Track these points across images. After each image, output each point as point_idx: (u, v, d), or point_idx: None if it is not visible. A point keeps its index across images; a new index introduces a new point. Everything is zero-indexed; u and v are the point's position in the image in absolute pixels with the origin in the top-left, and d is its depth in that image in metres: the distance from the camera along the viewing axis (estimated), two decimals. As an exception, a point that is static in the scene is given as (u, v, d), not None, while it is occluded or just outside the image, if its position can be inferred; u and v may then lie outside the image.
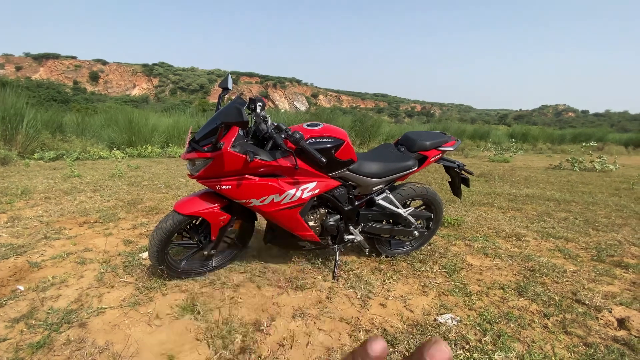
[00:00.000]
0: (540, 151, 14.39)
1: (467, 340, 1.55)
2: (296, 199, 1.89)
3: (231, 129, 1.72)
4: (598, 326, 1.69)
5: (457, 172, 2.38)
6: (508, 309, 1.82)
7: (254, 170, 1.79)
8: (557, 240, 2.91)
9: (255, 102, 1.82)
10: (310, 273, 2.18)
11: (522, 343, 1.55)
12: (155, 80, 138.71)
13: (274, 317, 1.71)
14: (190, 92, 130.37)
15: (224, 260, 2.18)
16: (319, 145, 1.86)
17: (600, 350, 1.50)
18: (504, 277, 2.20)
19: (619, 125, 66.10)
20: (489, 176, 6.31)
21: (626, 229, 3.23)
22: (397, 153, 2.25)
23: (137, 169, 5.82)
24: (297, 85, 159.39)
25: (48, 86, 52.98)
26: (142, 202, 3.63)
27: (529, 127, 19.61)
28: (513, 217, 3.58)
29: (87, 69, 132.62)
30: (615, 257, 2.54)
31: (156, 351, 1.45)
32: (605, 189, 5.34)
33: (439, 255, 2.49)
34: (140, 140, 8.30)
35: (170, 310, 1.74)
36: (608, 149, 14.56)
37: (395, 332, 1.61)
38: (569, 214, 3.72)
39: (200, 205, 1.88)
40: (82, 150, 7.41)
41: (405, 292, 1.99)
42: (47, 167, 5.78)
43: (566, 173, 7.16)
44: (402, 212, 2.23)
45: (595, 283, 2.15)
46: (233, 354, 1.44)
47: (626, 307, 1.87)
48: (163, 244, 1.86)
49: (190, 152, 1.77)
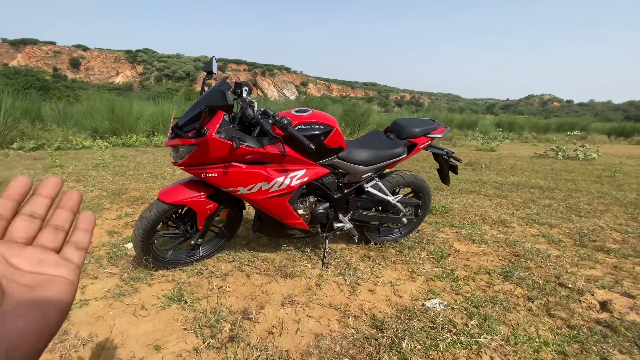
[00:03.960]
0: (526, 140, 14.63)
1: (454, 324, 1.57)
2: (285, 186, 1.86)
3: (216, 114, 1.67)
4: (581, 309, 1.74)
5: (445, 160, 2.38)
6: (494, 293, 1.86)
7: (240, 157, 1.74)
8: (541, 226, 2.97)
9: (241, 87, 1.76)
10: (299, 261, 2.17)
11: (507, 326, 1.59)
12: (140, 68, 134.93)
13: (263, 305, 1.70)
14: (176, 79, 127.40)
15: (212, 250, 2.15)
16: (308, 132, 1.83)
17: (583, 332, 1.54)
18: (490, 263, 2.24)
19: (602, 114, 67.75)
20: (476, 165, 6.38)
21: (608, 215, 3.32)
22: (386, 140, 2.24)
23: (122, 159, 5.68)
24: (286, 73, 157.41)
25: (26, 73, 50.85)
26: (127, 192, 3.54)
27: (516, 117, 19.88)
28: (499, 204, 3.64)
29: (67, 55, 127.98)
30: (598, 242, 2.61)
31: (142, 342, 1.43)
32: (587, 176, 5.47)
33: (426, 242, 2.51)
34: (124, 129, 8.07)
35: (156, 300, 1.71)
36: (591, 138, 14.90)
37: (384, 317, 1.63)
38: (553, 201, 3.80)
39: (186, 194, 1.83)
40: (64, 139, 7.17)
41: (394, 278, 2.01)
42: (27, 157, 5.58)
43: (550, 161, 7.30)
44: (391, 199, 2.23)
45: (578, 267, 2.20)
46: (221, 342, 1.43)
47: (608, 290, 1.93)
48: (147, 233, 1.81)
49: (174, 138, 1.71)
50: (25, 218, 0.31)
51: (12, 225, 0.30)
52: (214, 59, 1.88)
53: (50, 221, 0.33)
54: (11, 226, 0.30)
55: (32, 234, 0.31)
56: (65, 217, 0.33)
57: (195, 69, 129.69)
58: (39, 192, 0.32)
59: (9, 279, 0.27)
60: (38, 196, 0.32)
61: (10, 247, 0.29)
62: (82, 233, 0.34)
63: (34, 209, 0.31)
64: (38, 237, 0.31)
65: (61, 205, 0.34)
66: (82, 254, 0.33)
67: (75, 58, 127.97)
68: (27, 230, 0.30)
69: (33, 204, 0.32)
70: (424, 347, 1.42)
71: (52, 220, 0.33)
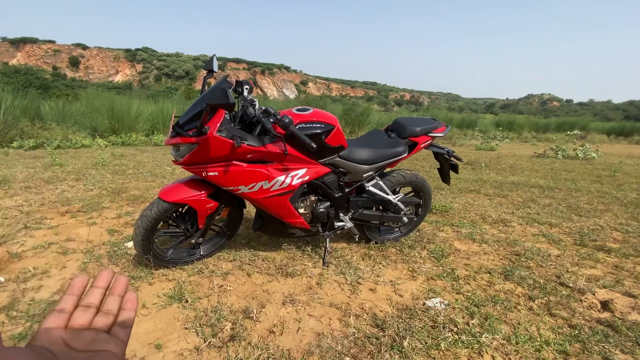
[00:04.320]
0: (526, 140, 14.63)
1: (455, 323, 1.57)
2: (286, 185, 1.85)
3: (217, 112, 1.66)
4: (582, 308, 1.74)
5: (446, 159, 2.38)
6: (494, 293, 1.85)
7: (241, 156, 1.74)
8: (542, 225, 2.97)
9: (242, 85, 1.76)
10: (300, 260, 2.17)
11: (508, 325, 1.59)
12: (139, 66, 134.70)
13: (264, 304, 1.70)
14: (176, 78, 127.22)
15: (213, 249, 2.15)
16: (309, 131, 1.82)
17: (584, 332, 1.54)
18: (490, 262, 2.24)
19: (602, 114, 67.79)
20: (476, 164, 6.38)
21: (608, 215, 3.32)
22: (387, 139, 2.24)
23: (122, 157, 5.67)
24: (286, 72, 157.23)
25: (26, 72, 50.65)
26: (127, 191, 3.54)
27: (515, 116, 19.88)
28: (499, 203, 3.64)
29: (67, 54, 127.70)
30: (598, 242, 2.61)
31: (143, 340, 1.42)
32: (587, 176, 5.47)
33: (427, 241, 2.51)
34: (124, 127, 8.05)
35: (157, 299, 1.71)
36: (591, 137, 14.90)
37: (385, 316, 1.63)
38: (553, 200, 3.80)
39: (186, 193, 1.82)
40: (64, 138, 7.15)
41: (395, 277, 2.01)
42: (27, 155, 5.56)
43: (550, 161, 7.30)
44: (391, 198, 2.22)
45: (579, 267, 2.20)
46: (223, 341, 1.43)
47: (609, 289, 1.93)
48: (148, 232, 1.81)
49: (174, 137, 1.70)
50: (83, 309, 0.39)
51: (74, 315, 0.38)
52: (214, 58, 1.87)
53: (102, 307, 0.41)
54: (73, 316, 0.38)
55: (89, 319, 0.39)
56: (114, 301, 0.42)
57: (194, 68, 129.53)
58: (95, 285, 0.42)
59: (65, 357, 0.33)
60: (95, 288, 0.42)
61: (70, 334, 0.36)
62: (127, 313, 0.41)
63: (91, 300, 0.40)
64: (93, 321, 0.39)
65: (112, 291, 0.42)
66: (127, 331, 0.40)
67: (75, 57, 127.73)
68: (85, 318, 0.38)
69: (90, 297, 0.41)
70: (425, 346, 1.42)
71: (104, 306, 0.41)
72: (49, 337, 0.35)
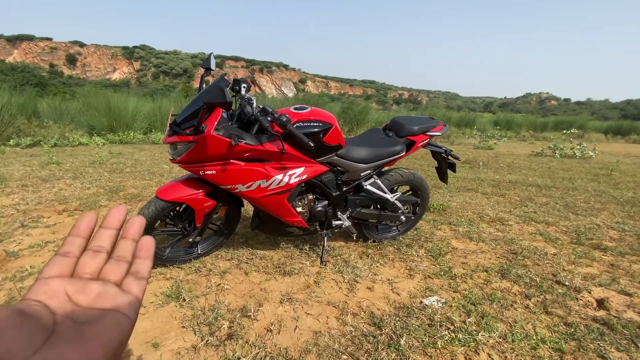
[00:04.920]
0: (523, 138, 14.67)
1: (452, 321, 1.58)
2: (283, 184, 1.85)
3: (214, 111, 1.66)
4: (578, 306, 1.75)
5: (443, 158, 2.39)
6: (491, 291, 1.86)
7: (239, 155, 1.74)
8: (539, 224, 2.98)
9: (240, 83, 1.75)
10: (298, 259, 2.17)
11: (504, 323, 1.60)
12: (137, 64, 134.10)
13: (262, 302, 1.70)
14: (174, 76, 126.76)
15: (210, 248, 2.15)
16: (307, 130, 1.82)
17: (580, 330, 1.55)
18: (487, 260, 2.25)
19: (600, 113, 68.03)
20: (474, 163, 6.40)
21: (605, 213, 3.33)
22: (385, 138, 2.24)
23: (119, 156, 5.65)
24: (284, 70, 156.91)
25: (23, 69, 50.36)
26: (125, 190, 3.53)
27: (513, 115, 19.91)
28: (497, 202, 3.65)
29: (64, 51, 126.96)
30: (594, 240, 2.63)
31: (140, 339, 1.42)
32: (584, 175, 5.50)
33: (424, 240, 2.52)
34: (121, 125, 8.02)
35: (154, 298, 1.71)
36: (588, 136, 14.97)
37: (382, 314, 1.63)
38: (550, 199, 3.82)
39: (184, 191, 1.82)
40: (61, 136, 7.12)
41: (392, 275, 2.01)
42: (23, 153, 5.54)
43: (548, 160, 7.33)
44: (389, 197, 2.23)
45: (575, 265, 2.22)
46: (220, 340, 1.43)
47: (605, 288, 1.94)
48: (145, 231, 1.80)
49: (172, 135, 1.70)
50: (91, 254, 0.32)
51: (80, 261, 0.31)
52: (212, 56, 1.87)
53: (113, 253, 0.33)
54: (79, 263, 0.31)
55: (98, 268, 0.32)
56: (127, 247, 0.34)
57: (192, 66, 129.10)
58: (104, 225, 0.34)
59: (65, 316, 0.27)
60: (104, 229, 0.34)
61: (75, 284, 0.30)
62: (141, 262, 0.34)
63: (100, 243, 0.33)
64: (102, 270, 0.32)
65: (124, 234, 0.35)
66: (141, 284, 0.33)
67: (72, 54, 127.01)
68: (93, 266, 0.32)
69: (99, 239, 0.33)
70: (422, 344, 1.43)
71: (115, 252, 0.34)
72: (49, 288, 0.29)
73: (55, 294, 0.28)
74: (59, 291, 0.28)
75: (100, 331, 0.27)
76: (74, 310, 0.28)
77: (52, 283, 0.29)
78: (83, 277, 0.30)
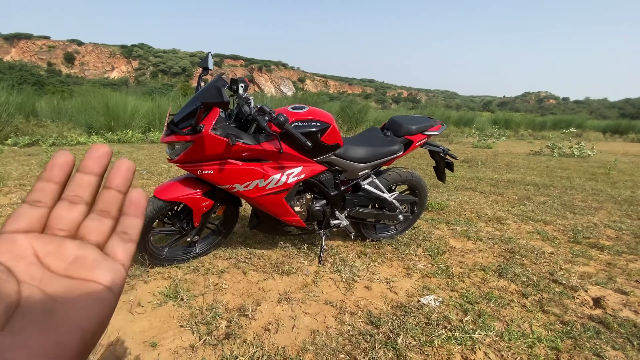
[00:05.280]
0: (522, 137, 14.68)
1: (449, 320, 1.58)
2: (281, 184, 1.86)
3: (211, 110, 1.66)
4: (574, 305, 1.76)
5: (441, 157, 2.39)
6: (488, 290, 1.87)
7: (236, 155, 1.74)
8: (536, 223, 2.99)
9: (237, 83, 1.75)
10: (296, 258, 2.18)
11: (501, 322, 1.60)
12: (135, 63, 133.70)
13: (260, 302, 1.71)
14: (172, 75, 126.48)
15: (208, 247, 2.15)
16: (305, 129, 1.82)
17: (576, 328, 1.56)
18: (485, 259, 2.26)
19: (598, 112, 68.18)
20: (472, 162, 6.41)
21: (602, 212, 3.35)
22: (383, 137, 2.24)
23: (118, 155, 5.64)
24: (283, 69, 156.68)
25: (21, 68, 50.17)
26: (123, 189, 3.52)
27: (512, 114, 19.91)
28: (495, 201, 3.66)
29: (62, 50, 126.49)
30: (591, 239, 2.64)
31: (138, 339, 1.43)
32: (582, 174, 5.51)
33: (422, 239, 2.52)
34: (119, 125, 8.00)
35: (152, 297, 1.71)
36: (586, 135, 14.98)
37: (380, 313, 1.64)
38: (548, 198, 3.83)
39: (181, 191, 1.82)
40: (59, 135, 7.10)
41: (390, 274, 2.02)
42: (21, 153, 5.52)
43: (546, 159, 7.34)
44: (387, 196, 2.23)
45: (572, 264, 2.23)
46: (218, 339, 1.43)
47: (601, 286, 1.95)
48: (143, 230, 1.81)
49: (169, 135, 1.70)
50: (67, 205, 0.25)
51: (52, 213, 0.24)
52: (209, 55, 1.87)
53: (95, 206, 0.26)
54: (52, 215, 0.24)
55: (76, 223, 0.25)
56: (112, 200, 0.26)
57: (191, 65, 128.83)
58: (83, 169, 0.26)
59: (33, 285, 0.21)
60: (83, 174, 0.26)
61: (47, 242, 0.23)
62: (129, 220, 0.27)
63: (77, 192, 0.25)
64: (81, 227, 0.25)
65: (108, 183, 0.27)
66: (129, 248, 0.26)
67: (70, 53, 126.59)
68: (69, 219, 0.25)
69: (76, 186, 0.25)
70: (419, 343, 1.44)
71: (97, 205, 0.26)
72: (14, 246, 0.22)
73: (22, 254, 0.22)
74: (27, 251, 0.22)
75: (75, 308, 0.21)
76: (45, 279, 0.22)
77: (19, 240, 0.22)
78: (57, 234, 0.24)
